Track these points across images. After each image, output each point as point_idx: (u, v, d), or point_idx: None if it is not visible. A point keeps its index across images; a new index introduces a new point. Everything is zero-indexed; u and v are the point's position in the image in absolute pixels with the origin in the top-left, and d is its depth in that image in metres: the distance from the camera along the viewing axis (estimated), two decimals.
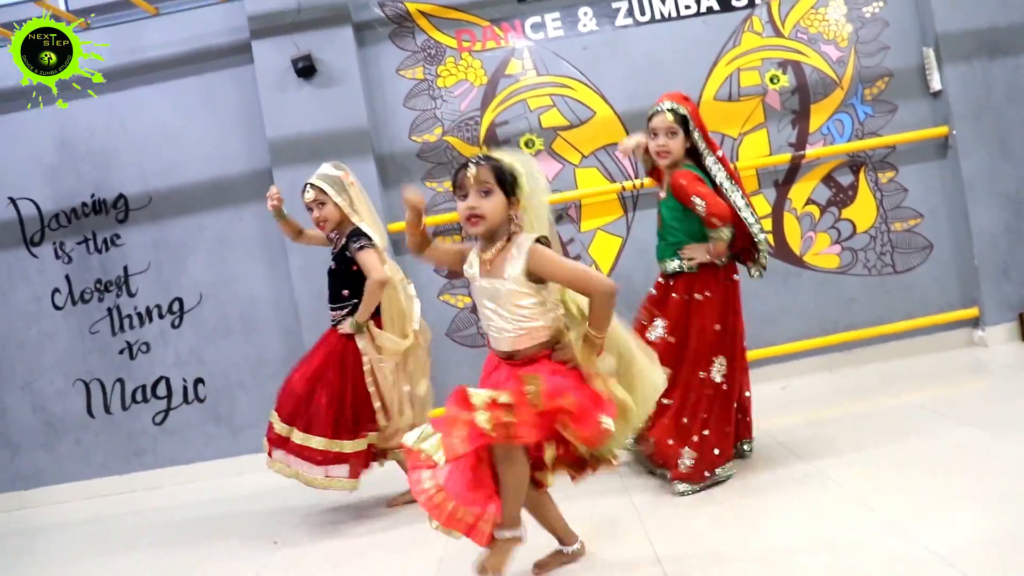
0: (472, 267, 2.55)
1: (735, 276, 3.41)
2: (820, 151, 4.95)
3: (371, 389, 3.60)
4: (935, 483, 2.91)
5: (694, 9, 4.98)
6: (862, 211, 5.00)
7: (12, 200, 5.18)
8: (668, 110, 3.29)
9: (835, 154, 4.97)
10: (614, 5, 4.98)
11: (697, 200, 3.20)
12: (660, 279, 3.50)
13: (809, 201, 5.00)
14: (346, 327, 3.64)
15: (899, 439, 3.45)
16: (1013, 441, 3.19)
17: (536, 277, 2.44)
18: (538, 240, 2.46)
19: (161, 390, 5.13)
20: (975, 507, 2.64)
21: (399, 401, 3.64)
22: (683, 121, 3.30)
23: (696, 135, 3.31)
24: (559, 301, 2.55)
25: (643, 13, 4.98)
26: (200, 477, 5.01)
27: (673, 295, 3.36)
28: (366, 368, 3.59)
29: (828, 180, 5.00)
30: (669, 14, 4.98)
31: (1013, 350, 4.75)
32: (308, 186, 3.68)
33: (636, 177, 4.94)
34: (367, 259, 3.58)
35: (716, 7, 4.98)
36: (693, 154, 3.36)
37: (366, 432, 3.65)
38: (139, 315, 5.13)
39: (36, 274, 5.17)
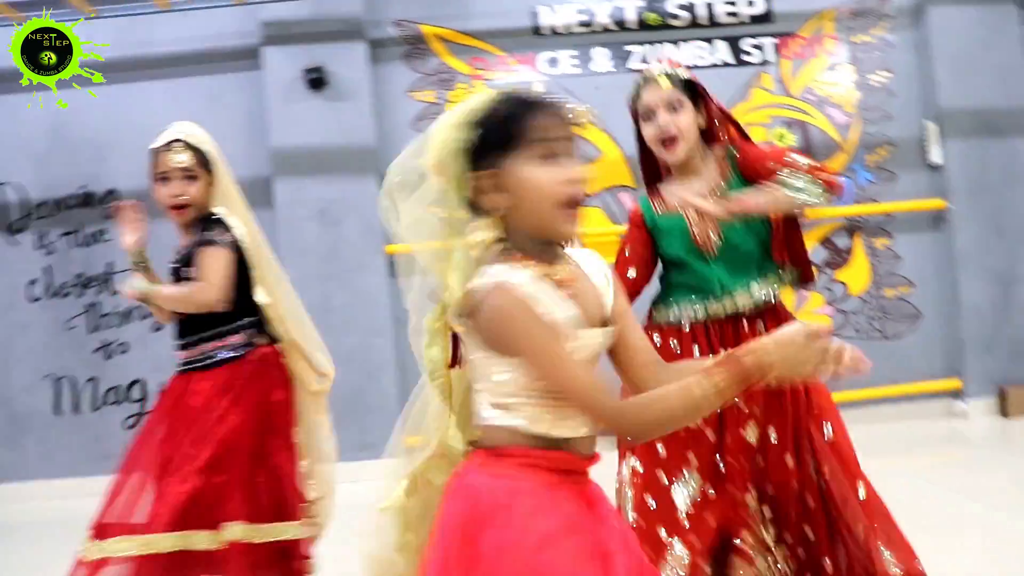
0: (553, 300, 1.33)
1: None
2: (819, 212, 5.01)
3: None
4: (919, 543, 2.96)
5: (707, 61, 5.05)
6: (856, 275, 5.08)
7: None
8: (665, 73, 2.19)
9: (834, 216, 5.04)
10: (628, 48, 5.03)
11: (800, 159, 2.08)
12: (706, 331, 2.19)
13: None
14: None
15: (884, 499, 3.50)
16: (991, 507, 3.30)
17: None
18: None
19: (136, 393, 5.00)
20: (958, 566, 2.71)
21: None
22: (691, 88, 2.20)
23: (714, 106, 2.24)
24: None
25: (658, 60, 5.03)
26: None
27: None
28: None
29: (825, 242, 5.08)
30: (682, 63, 5.02)
31: (992, 424, 4.86)
32: (176, 144, 2.62)
33: None
34: (212, 261, 2.47)
35: (729, 61, 5.06)
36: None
37: None
38: (119, 315, 5.00)
39: (14, 262, 5.02)
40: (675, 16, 5.04)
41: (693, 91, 2.19)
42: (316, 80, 4.75)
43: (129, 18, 4.74)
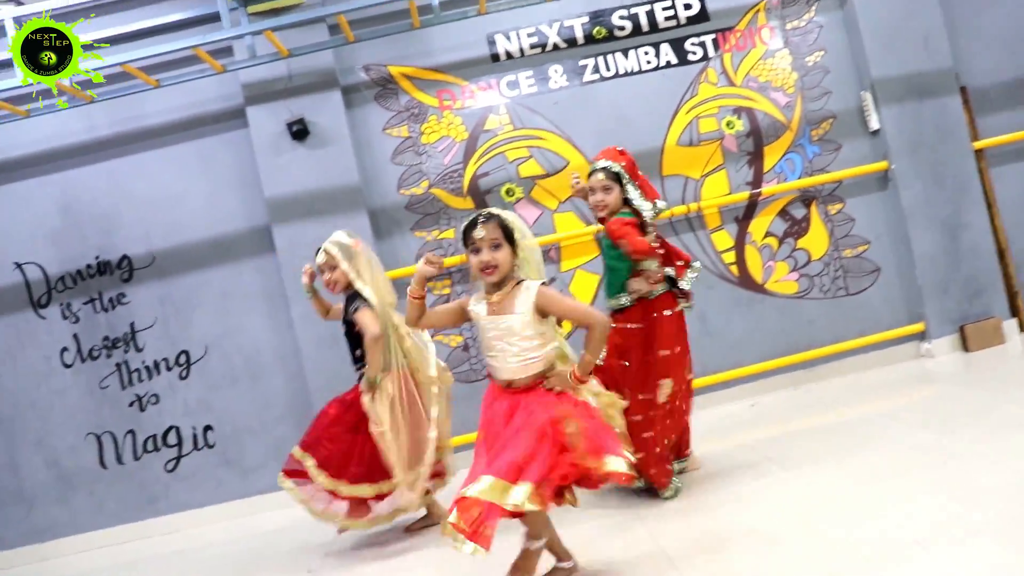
0: (477, 309, 2.97)
1: (669, 310, 3.82)
2: (775, 188, 5.44)
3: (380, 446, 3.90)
4: (899, 478, 3.38)
5: (654, 63, 5.45)
6: (815, 241, 5.50)
7: (18, 265, 5.42)
8: (601, 168, 3.80)
9: (788, 190, 5.47)
10: (581, 63, 5.44)
11: (622, 241, 3.65)
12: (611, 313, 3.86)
13: (767, 234, 5.48)
14: (363, 386, 3.96)
15: (863, 444, 3.94)
16: (961, 439, 3.70)
17: (542, 313, 2.90)
18: (542, 284, 2.93)
19: (172, 439, 5.39)
20: (936, 496, 3.11)
21: (402, 458, 3.88)
22: (616, 177, 3.77)
23: (630, 187, 3.78)
24: (554, 338, 3.00)
25: (608, 69, 5.44)
26: (214, 519, 5.28)
27: (628, 325, 3.78)
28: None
29: (783, 214, 5.49)
30: (631, 69, 5.45)
31: (956, 359, 5.26)
32: (322, 250, 4.08)
33: None
34: (361, 318, 3.92)
35: (674, 61, 5.46)
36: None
37: (376, 481, 3.98)
38: (147, 368, 5.40)
39: (44, 335, 5.41)
40: (620, 28, 5.44)
41: (619, 178, 3.79)
42: (299, 131, 5.13)
43: (122, 98, 5.11)
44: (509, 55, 5.42)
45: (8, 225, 5.39)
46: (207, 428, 5.38)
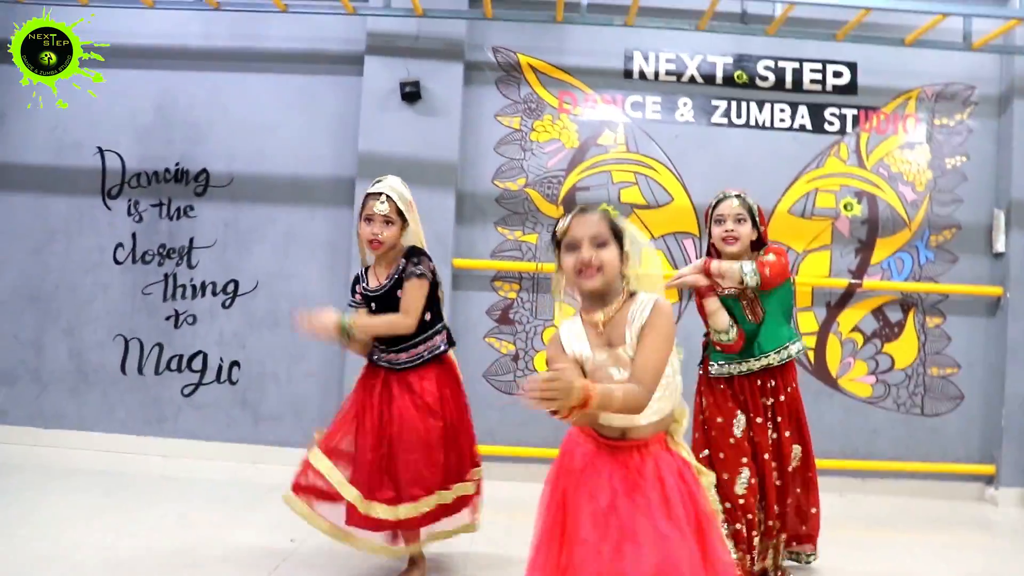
0: (580, 341, 2.19)
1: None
2: (877, 284, 5.11)
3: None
4: None
5: (788, 124, 5.17)
6: (904, 349, 5.15)
7: (100, 150, 5.33)
8: (736, 195, 3.28)
9: (890, 289, 5.14)
10: (713, 102, 5.18)
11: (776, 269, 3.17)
12: (743, 379, 3.28)
13: (855, 328, 5.15)
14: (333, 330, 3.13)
15: (899, 571, 3.63)
16: None
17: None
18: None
19: (197, 364, 5.23)
20: None
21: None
22: (751, 211, 3.27)
23: (761, 229, 3.31)
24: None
25: (739, 116, 5.18)
26: (216, 456, 5.09)
27: (789, 389, 3.29)
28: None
29: (878, 313, 5.16)
30: (763, 123, 5.17)
31: (1021, 514, 4.87)
32: (385, 197, 3.18)
33: None
34: (416, 293, 3.14)
35: (809, 127, 5.18)
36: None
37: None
38: (193, 287, 5.25)
39: (105, 225, 5.30)
40: (763, 77, 5.18)
41: (753, 213, 3.27)
42: (411, 93, 4.96)
43: (247, 13, 4.99)
44: (643, 75, 5.19)
45: (103, 110, 5.29)
46: (234, 363, 5.21)
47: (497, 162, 5.17)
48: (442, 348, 3.27)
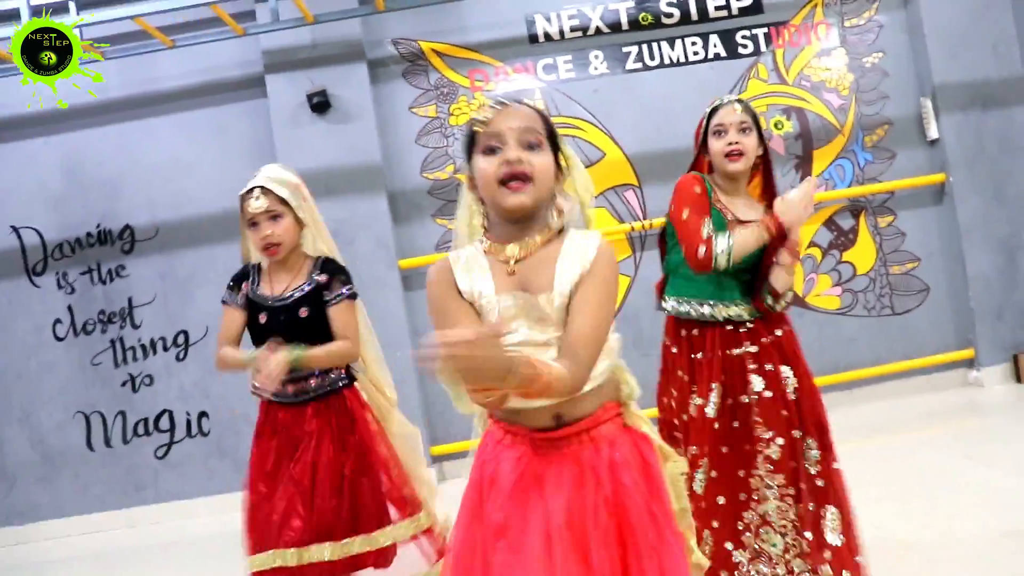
0: (482, 277, 1.59)
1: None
2: (822, 195, 5.08)
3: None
4: (936, 511, 3.14)
5: (702, 55, 5.12)
6: (862, 254, 5.14)
7: (15, 229, 5.13)
8: (737, 100, 2.55)
9: (836, 199, 5.12)
10: (624, 49, 5.10)
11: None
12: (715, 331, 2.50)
13: (811, 244, 5.13)
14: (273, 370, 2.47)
15: (902, 473, 3.66)
16: (1007, 474, 3.42)
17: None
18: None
19: (164, 423, 5.07)
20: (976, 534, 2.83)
21: None
22: (755, 119, 2.53)
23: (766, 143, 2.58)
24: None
25: (652, 58, 5.10)
26: (204, 512, 4.94)
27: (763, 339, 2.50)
28: None
29: (830, 224, 5.14)
30: (678, 59, 5.11)
31: (1007, 390, 4.91)
32: (257, 190, 2.58)
33: (644, 218, 5.04)
34: (345, 317, 2.61)
35: (723, 54, 5.12)
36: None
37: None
38: (143, 347, 5.08)
39: (37, 304, 5.10)
40: (668, 14, 5.11)
41: (756, 124, 2.52)
42: (320, 103, 4.82)
43: (134, 57, 4.81)
44: (548, 37, 5.10)
45: (7, 186, 5.09)
46: (202, 415, 5.06)
47: (422, 154, 5.06)
48: (339, 384, 2.67)
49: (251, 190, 2.58)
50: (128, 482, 5.06)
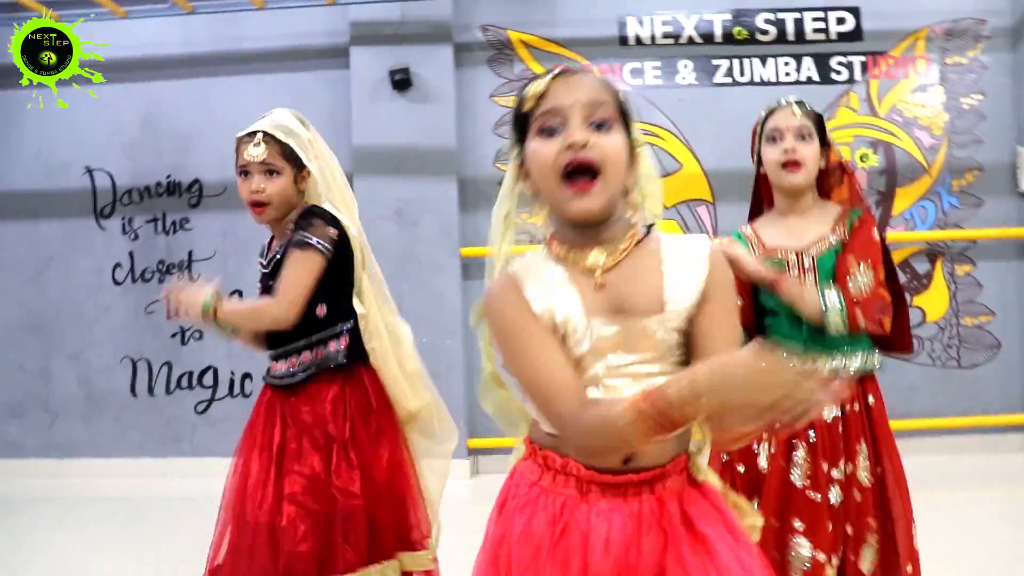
0: (565, 296, 1.26)
1: None
2: (900, 235, 4.92)
3: None
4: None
5: (794, 77, 4.98)
6: (934, 301, 4.96)
7: (89, 170, 5.18)
8: (797, 102, 2.17)
9: (915, 240, 4.94)
10: (715, 62, 4.99)
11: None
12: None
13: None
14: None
15: (947, 535, 3.43)
16: None
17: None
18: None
19: (208, 379, 5.10)
20: None
21: None
22: (819, 123, 2.17)
23: (836, 149, 2.23)
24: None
25: (743, 74, 4.98)
26: None
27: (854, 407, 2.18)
28: None
29: (904, 265, 4.96)
30: (768, 79, 4.98)
31: None
32: (259, 135, 2.27)
33: (714, 236, 4.92)
34: (297, 270, 2.14)
35: (816, 78, 4.98)
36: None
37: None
38: None
39: (101, 246, 5.17)
40: (763, 31, 4.98)
41: (821, 130, 2.16)
42: (401, 81, 4.79)
43: (223, 14, 4.83)
44: (639, 40, 5.00)
45: (86, 127, 5.14)
46: (246, 376, 5.08)
47: (497, 144, 5.00)
48: (339, 360, 2.23)
49: (252, 134, 2.25)
50: (166, 432, 5.10)
